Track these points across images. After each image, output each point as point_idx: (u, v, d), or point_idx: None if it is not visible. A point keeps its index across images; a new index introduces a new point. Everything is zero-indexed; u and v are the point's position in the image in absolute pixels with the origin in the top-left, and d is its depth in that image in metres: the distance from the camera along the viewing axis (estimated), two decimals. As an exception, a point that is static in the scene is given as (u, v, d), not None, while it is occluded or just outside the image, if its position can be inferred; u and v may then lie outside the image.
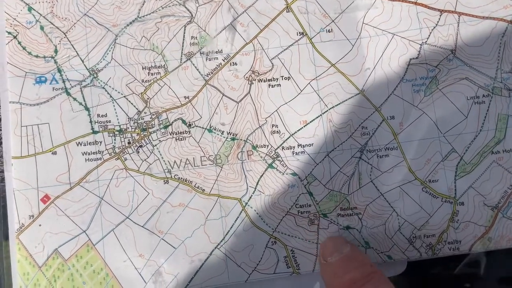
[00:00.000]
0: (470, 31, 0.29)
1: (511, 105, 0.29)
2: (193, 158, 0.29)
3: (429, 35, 0.29)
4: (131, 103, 0.29)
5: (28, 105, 0.29)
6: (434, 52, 0.29)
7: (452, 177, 0.29)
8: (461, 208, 0.29)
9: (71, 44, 0.29)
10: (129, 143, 0.29)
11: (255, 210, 0.28)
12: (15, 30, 0.29)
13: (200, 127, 0.29)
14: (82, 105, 0.29)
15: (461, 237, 0.28)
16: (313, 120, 0.29)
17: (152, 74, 0.29)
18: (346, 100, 0.29)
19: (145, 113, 0.29)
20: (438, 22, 0.29)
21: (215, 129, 0.29)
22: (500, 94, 0.29)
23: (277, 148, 0.29)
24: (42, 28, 0.29)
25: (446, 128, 0.29)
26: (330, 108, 0.29)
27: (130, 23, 0.29)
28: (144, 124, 0.29)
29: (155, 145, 0.29)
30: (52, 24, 0.29)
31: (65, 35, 0.29)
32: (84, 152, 0.28)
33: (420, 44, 0.29)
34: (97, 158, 0.28)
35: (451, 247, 0.28)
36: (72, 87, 0.29)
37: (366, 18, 0.30)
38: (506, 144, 0.29)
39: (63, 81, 0.29)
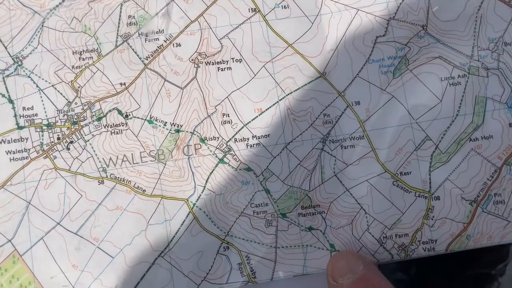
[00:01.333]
0: (442, 4, 0.27)
1: (489, 86, 0.26)
2: (132, 154, 0.26)
3: (397, 10, 0.27)
4: (60, 93, 0.26)
5: None
6: (403, 29, 0.27)
7: (426, 168, 0.26)
8: (437, 203, 0.26)
9: (-7, 29, 0.26)
10: (58, 139, 0.26)
11: (204, 212, 0.26)
12: None
13: (138, 118, 0.26)
14: (5, 97, 0.26)
15: (437, 236, 0.26)
16: (269, 108, 0.26)
17: (83, 59, 0.26)
18: (306, 84, 0.27)
19: (75, 103, 0.26)
20: (407, -6, 0.27)
21: (156, 120, 0.26)
22: (477, 74, 0.26)
23: (228, 141, 0.26)
24: (-42, 11, 0.26)
25: (419, 113, 0.26)
26: (288, 94, 0.26)
27: (60, 3, 0.27)
28: (75, 117, 0.26)
29: (88, 140, 0.26)
30: (-29, 6, 0.26)
31: (-14, 19, 0.26)
32: (9, 151, 0.26)
33: (388, 20, 0.27)
34: (23, 157, 0.26)
35: (426, 247, 0.26)
36: (-6, 76, 0.26)
37: (327, -8, 0.27)
38: (485, 129, 0.26)
39: (-17, 71, 0.26)
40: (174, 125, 0.26)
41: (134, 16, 0.27)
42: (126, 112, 0.26)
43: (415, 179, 0.26)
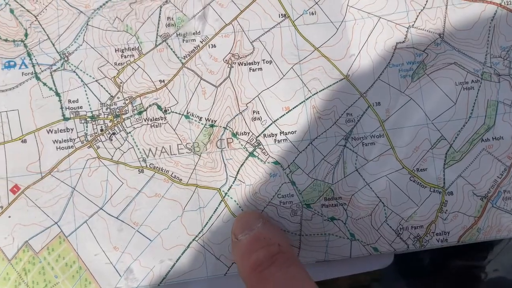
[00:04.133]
0: (458, 14, 0.30)
1: (501, 91, 0.30)
2: (170, 146, 0.29)
3: (416, 18, 0.30)
4: (104, 88, 0.29)
5: (-4, 90, 0.29)
6: (421, 36, 0.30)
7: (441, 165, 0.30)
8: (450, 198, 0.30)
9: (42, 28, 0.30)
10: (101, 130, 0.29)
11: (235, 201, 0.29)
12: (-18, 12, 0.30)
13: (176, 113, 0.29)
14: (53, 90, 0.29)
15: (449, 228, 0.29)
16: (296, 106, 0.30)
17: (125, 57, 0.30)
18: (331, 85, 0.30)
19: (118, 98, 0.29)
20: (425, 4, 0.30)
21: (192, 115, 0.29)
22: (489, 79, 0.30)
23: (258, 136, 0.30)
24: (12, 11, 0.30)
25: (435, 114, 0.30)
26: (314, 94, 0.30)
27: (103, 4, 0.30)
28: (117, 110, 0.29)
29: (129, 132, 0.29)
30: (23, 7, 0.30)
31: (36, 18, 0.30)
32: (55, 140, 0.29)
33: (407, 28, 0.30)
34: (69, 146, 0.29)
35: (439, 239, 0.29)
36: (42, 71, 0.29)
37: (351, 0, 0.31)
38: (496, 131, 0.30)
39: (33, 66, 0.30)
40: (209, 120, 0.30)
41: (172, 18, 0.30)
42: (165, 107, 0.30)
43: (430, 175, 0.30)
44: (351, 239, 0.30)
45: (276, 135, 0.30)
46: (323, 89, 0.30)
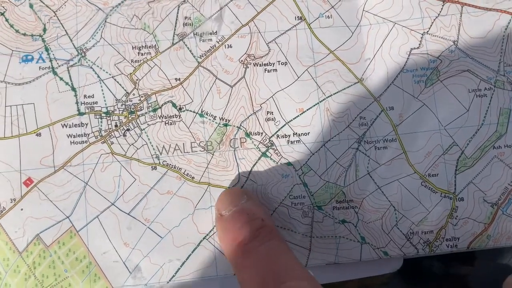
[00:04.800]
0: (473, 22, 0.31)
1: (514, 98, 0.30)
2: (183, 143, 0.30)
3: (431, 25, 0.31)
4: (119, 84, 0.30)
5: (13, 84, 0.30)
6: (435, 43, 0.31)
7: (452, 171, 0.30)
8: (461, 204, 0.30)
9: (61, 23, 0.30)
10: (116, 126, 0.30)
11: (246, 200, 0.30)
12: (3, 7, 0.30)
13: (191, 111, 0.30)
14: (69, 85, 0.30)
15: (459, 234, 0.30)
16: (310, 108, 0.30)
17: (142, 54, 0.30)
18: (345, 88, 0.31)
19: (133, 95, 0.30)
20: (440, 12, 0.31)
21: (206, 114, 0.30)
22: (502, 87, 0.30)
23: (271, 136, 0.30)
24: (31, 6, 0.31)
25: (447, 120, 0.30)
26: (328, 97, 0.30)
27: (122, 2, 0.31)
28: (132, 107, 0.30)
29: (143, 129, 0.30)
30: (42, 2, 0.31)
31: (55, 14, 0.31)
32: (69, 135, 0.30)
33: (422, 34, 0.31)
34: (83, 141, 0.30)
35: (449, 244, 0.30)
36: (59, 66, 0.30)
37: (367, 5, 0.31)
38: (508, 139, 0.30)
39: (50, 60, 0.30)
40: (223, 120, 0.30)
41: (190, 18, 0.31)
42: (180, 105, 0.30)
43: (442, 181, 0.30)
44: (362, 242, 0.30)
45: (289, 136, 0.30)
46: (337, 92, 0.31)
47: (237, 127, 0.30)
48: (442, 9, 0.31)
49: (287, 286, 0.22)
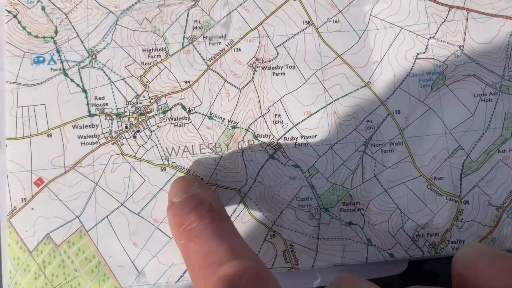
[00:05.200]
0: (478, 28, 0.31)
1: (519, 103, 0.31)
2: (192, 145, 0.30)
3: (437, 30, 0.32)
4: (130, 86, 0.30)
5: (25, 85, 0.30)
6: (441, 48, 0.31)
7: (458, 175, 0.31)
8: (466, 207, 0.30)
9: (72, 25, 0.31)
10: (126, 127, 0.30)
11: (254, 202, 0.30)
12: (15, 9, 0.31)
13: (200, 113, 0.30)
14: (80, 86, 0.30)
15: (464, 237, 0.30)
16: (318, 111, 0.31)
17: (152, 57, 0.31)
18: (352, 92, 0.31)
19: (143, 97, 0.30)
20: (446, 17, 0.32)
21: (215, 116, 0.30)
22: (507, 92, 0.31)
23: (279, 139, 0.31)
24: (43, 8, 0.31)
25: (453, 124, 0.31)
26: (335, 100, 0.31)
27: (132, 5, 0.31)
28: (143, 109, 0.30)
29: (153, 131, 0.30)
30: (54, 4, 0.31)
31: (67, 16, 0.31)
32: (80, 136, 0.30)
33: (428, 39, 0.31)
34: (93, 142, 0.30)
35: (454, 247, 0.30)
36: (70, 67, 0.31)
37: (374, 10, 0.32)
38: (513, 143, 0.31)
39: (61, 62, 0.31)
40: (231, 122, 0.31)
41: (199, 21, 0.31)
42: (189, 108, 0.31)
43: (447, 184, 0.31)
44: (368, 244, 0.30)
45: (296, 138, 0.31)
46: (344, 96, 0.31)
47: (245, 129, 0.31)
48: (448, 14, 0.32)
49: (226, 267, 0.22)
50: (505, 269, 0.22)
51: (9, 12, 0.31)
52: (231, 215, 0.30)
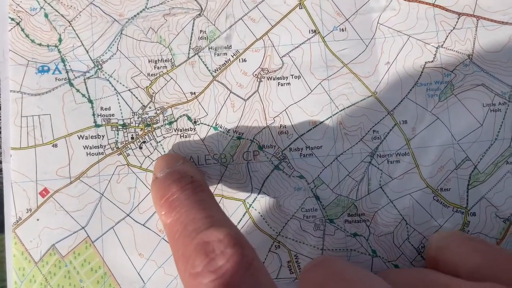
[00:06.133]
0: (488, 36, 0.31)
1: (528, 114, 0.31)
2: (197, 156, 0.31)
3: (445, 39, 0.31)
4: (136, 97, 0.31)
5: (30, 94, 0.31)
6: (450, 56, 0.31)
7: (464, 186, 0.31)
8: (473, 218, 0.31)
9: (76, 34, 0.31)
10: (132, 138, 0.31)
11: (259, 213, 0.30)
12: (18, 16, 0.31)
13: (205, 124, 0.31)
14: (85, 97, 0.31)
15: (471, 249, 0.30)
16: (323, 121, 0.31)
17: (158, 68, 0.31)
18: (358, 102, 0.31)
19: (149, 108, 0.31)
20: (455, 25, 0.31)
21: (221, 127, 0.31)
22: (517, 102, 0.31)
23: (284, 149, 0.31)
24: (46, 15, 0.31)
25: (461, 135, 0.31)
26: (341, 110, 0.31)
27: (137, 14, 0.31)
28: (149, 120, 0.31)
29: (159, 142, 0.31)
30: (57, 11, 0.31)
31: (70, 24, 0.31)
32: (86, 146, 0.30)
33: (436, 48, 0.31)
34: (99, 153, 0.30)
35: (461, 259, 0.30)
36: (76, 78, 0.31)
37: (382, 18, 0.32)
38: (522, 154, 0.31)
39: (66, 72, 0.31)
40: (236, 133, 0.31)
41: (205, 31, 0.32)
42: (195, 119, 0.31)
43: (454, 195, 0.31)
44: (373, 256, 0.31)
45: (302, 149, 0.31)
46: (350, 106, 0.31)
47: (250, 140, 0.31)
48: (457, 22, 0.32)
49: (204, 234, 0.23)
50: (470, 249, 0.25)
51: (12, 19, 0.31)
52: (236, 225, 0.30)
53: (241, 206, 0.31)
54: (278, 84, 0.31)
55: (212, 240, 0.22)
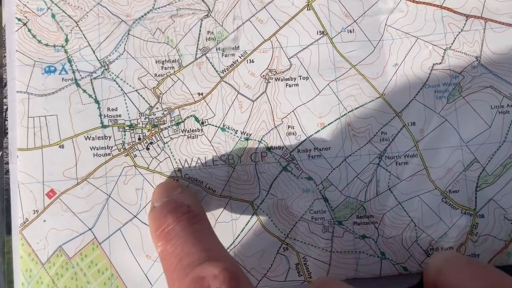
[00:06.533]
0: (496, 38, 0.31)
1: (537, 116, 0.31)
2: (205, 157, 0.31)
3: (453, 40, 0.32)
4: (143, 98, 0.31)
5: (36, 95, 0.31)
6: (458, 58, 0.31)
7: (473, 188, 0.31)
8: (481, 221, 0.31)
9: (83, 34, 0.31)
10: (139, 139, 0.31)
11: (267, 214, 0.30)
12: (25, 17, 0.31)
13: (213, 125, 0.31)
14: (92, 97, 0.31)
15: (479, 251, 0.30)
16: (331, 123, 0.31)
17: (165, 69, 0.31)
18: (366, 103, 0.31)
19: (157, 108, 0.31)
20: (463, 27, 0.32)
21: (228, 128, 0.31)
22: (525, 104, 0.31)
23: (292, 151, 0.31)
24: (53, 16, 0.31)
25: (469, 137, 0.31)
26: (349, 111, 0.31)
27: (145, 14, 0.32)
28: (156, 120, 0.31)
29: (166, 143, 0.31)
30: (64, 12, 0.31)
31: (77, 24, 0.31)
32: (93, 147, 0.30)
33: (444, 49, 0.32)
34: (106, 154, 0.30)
35: (469, 261, 0.30)
36: (82, 78, 0.31)
37: (390, 20, 0.32)
38: (530, 156, 0.31)
39: (73, 72, 0.31)
40: (244, 134, 0.31)
41: (213, 32, 0.32)
42: (202, 120, 0.31)
43: (462, 197, 0.31)
44: (382, 258, 0.31)
45: (310, 150, 0.31)
46: (358, 107, 0.31)
47: (258, 141, 0.31)
48: (465, 24, 0.32)
49: (200, 269, 0.22)
50: (470, 273, 0.25)
51: (19, 20, 0.31)
52: (244, 227, 0.30)
53: (249, 208, 0.31)
54: (286, 85, 0.31)
55: (207, 276, 0.22)
